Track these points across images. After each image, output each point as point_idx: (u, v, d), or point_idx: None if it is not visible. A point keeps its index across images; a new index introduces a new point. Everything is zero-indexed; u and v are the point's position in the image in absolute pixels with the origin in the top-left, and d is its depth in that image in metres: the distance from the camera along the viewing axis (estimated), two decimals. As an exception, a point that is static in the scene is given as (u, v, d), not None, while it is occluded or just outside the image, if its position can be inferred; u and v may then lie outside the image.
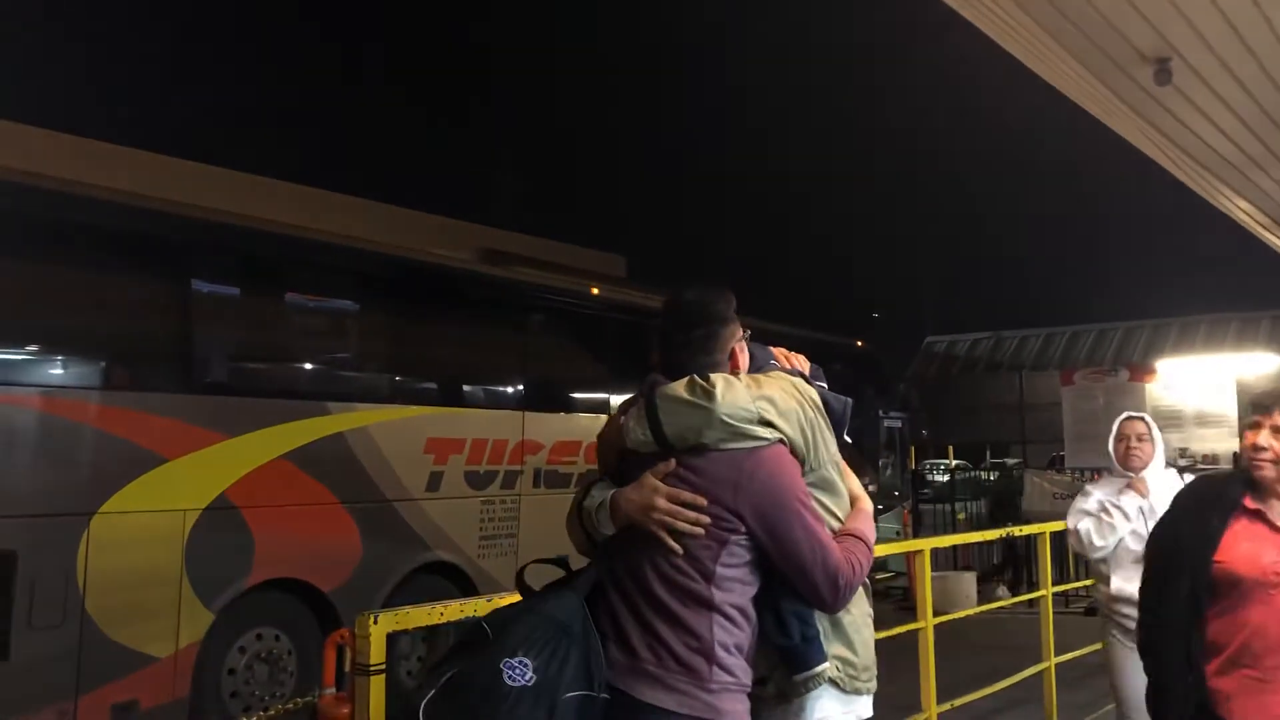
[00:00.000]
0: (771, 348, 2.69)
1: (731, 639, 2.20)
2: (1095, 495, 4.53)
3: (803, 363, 2.69)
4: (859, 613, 2.52)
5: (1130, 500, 4.40)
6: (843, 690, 2.46)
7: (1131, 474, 4.51)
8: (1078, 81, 5.82)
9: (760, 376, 2.44)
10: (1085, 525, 4.46)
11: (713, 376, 2.32)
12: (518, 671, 2.06)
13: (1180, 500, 2.95)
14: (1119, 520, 4.38)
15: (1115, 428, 4.57)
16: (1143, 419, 4.59)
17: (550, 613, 2.20)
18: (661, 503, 2.22)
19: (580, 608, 2.23)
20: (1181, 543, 2.77)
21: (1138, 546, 4.06)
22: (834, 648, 2.44)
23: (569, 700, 2.08)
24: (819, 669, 2.37)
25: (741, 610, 2.23)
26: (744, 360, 2.49)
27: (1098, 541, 4.42)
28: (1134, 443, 4.52)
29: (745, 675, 2.24)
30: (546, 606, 2.22)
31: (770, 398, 2.34)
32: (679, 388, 2.31)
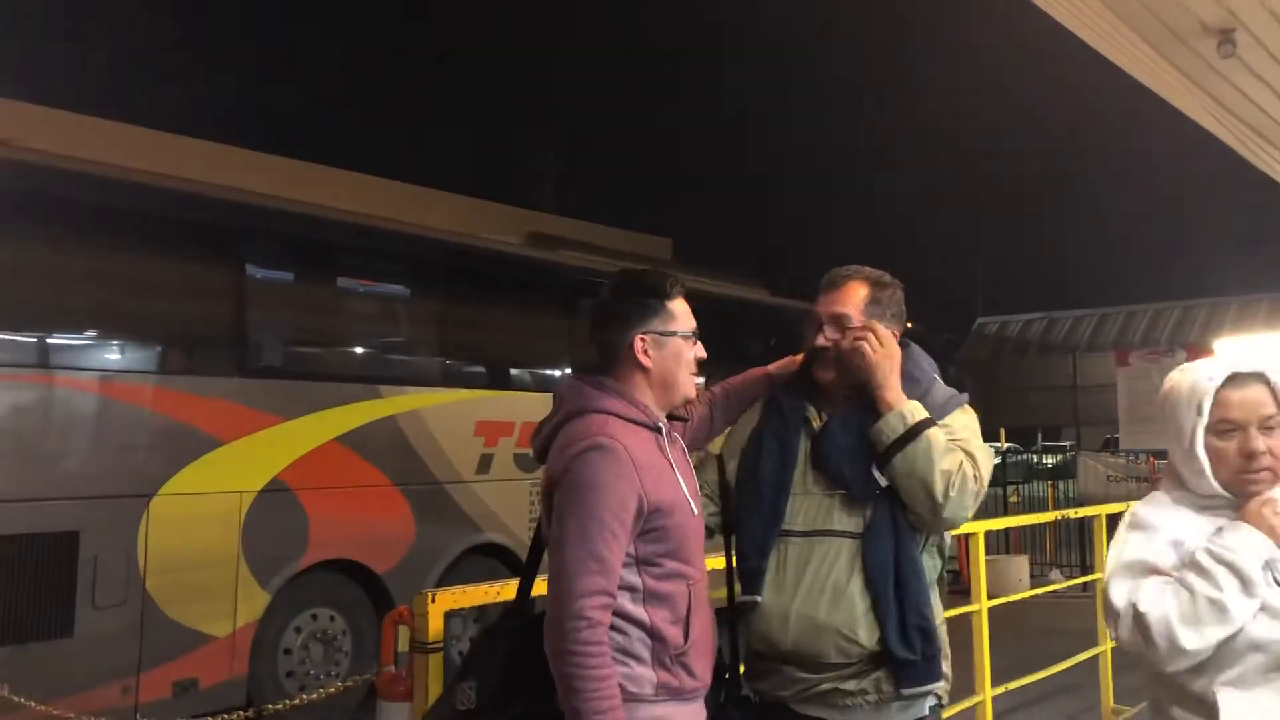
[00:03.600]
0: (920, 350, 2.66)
1: None
2: (1163, 532, 2.13)
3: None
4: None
5: (1256, 547, 2.00)
6: (940, 705, 2.45)
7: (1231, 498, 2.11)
8: (1137, 56, 5.70)
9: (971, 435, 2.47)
10: (1155, 603, 2.02)
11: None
12: (464, 695, 2.16)
13: None
14: (1234, 594, 1.96)
15: (1202, 404, 2.12)
16: (1267, 383, 2.13)
17: (490, 631, 2.29)
18: None
19: (510, 622, 2.29)
20: None
21: (1273, 635, 1.96)
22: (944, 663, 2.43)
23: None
24: (931, 687, 2.36)
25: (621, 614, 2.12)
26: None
27: (1189, 641, 1.98)
28: (1254, 439, 2.08)
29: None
30: (496, 623, 2.32)
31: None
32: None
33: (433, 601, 2.80)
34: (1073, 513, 7.36)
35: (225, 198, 6.60)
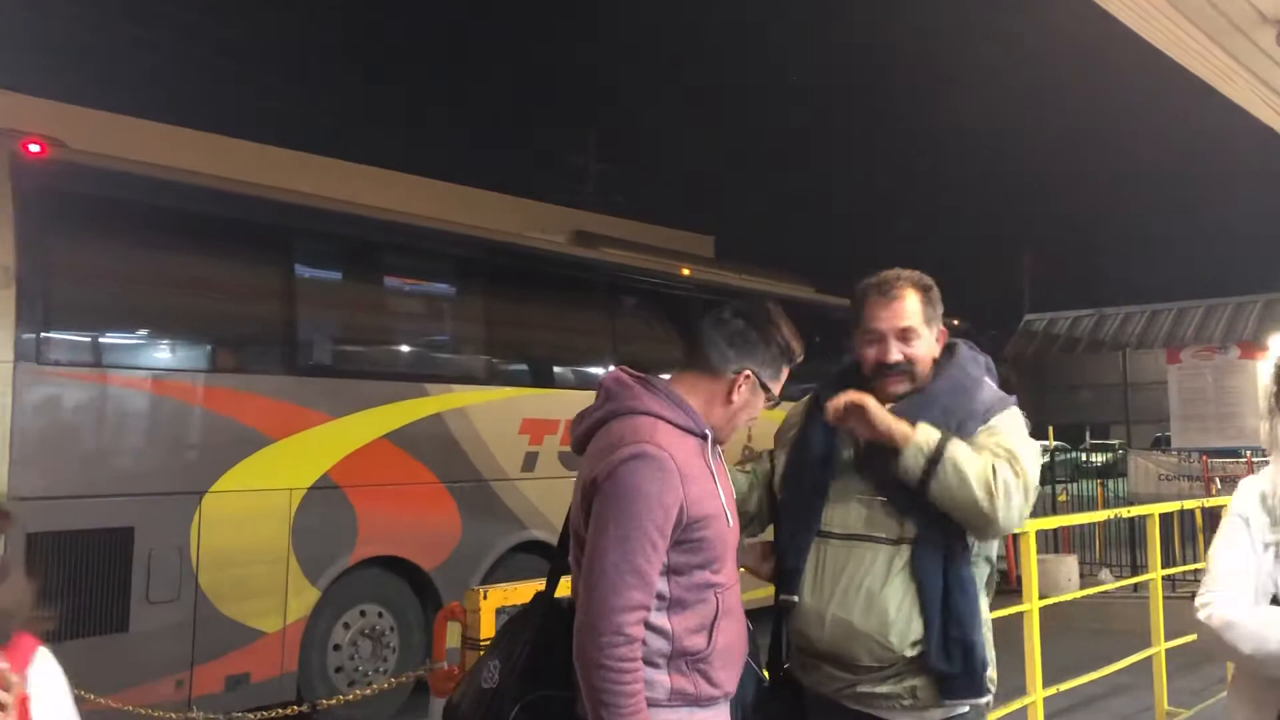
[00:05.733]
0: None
1: None
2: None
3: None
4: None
5: None
6: (988, 708, 2.48)
7: None
8: (1192, 46, 5.59)
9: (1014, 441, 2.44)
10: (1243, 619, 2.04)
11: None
12: (488, 673, 2.19)
13: None
14: None
15: None
16: None
17: (519, 614, 2.29)
18: None
19: (538, 606, 2.29)
20: None
21: None
22: (991, 668, 2.44)
23: (528, 703, 2.13)
24: (974, 702, 2.38)
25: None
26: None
27: None
28: None
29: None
30: (526, 606, 2.32)
31: None
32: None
33: (485, 598, 2.82)
34: (1126, 512, 7.26)
35: (274, 198, 6.68)
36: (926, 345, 2.53)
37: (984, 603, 2.48)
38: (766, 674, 2.50)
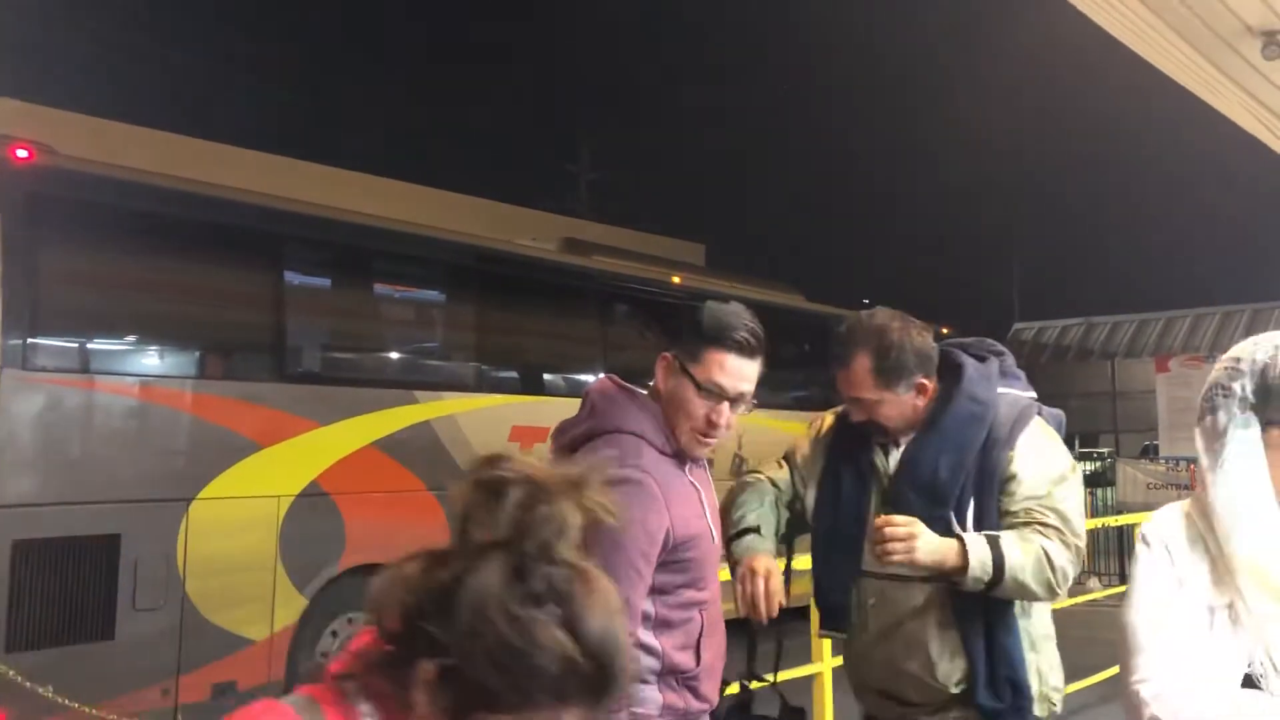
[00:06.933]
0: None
1: None
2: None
3: None
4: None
5: None
6: None
7: None
8: (1178, 58, 5.63)
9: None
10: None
11: None
12: None
13: None
14: None
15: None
16: None
17: None
18: None
19: None
20: None
21: None
22: (1054, 677, 2.46)
23: None
24: None
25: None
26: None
27: None
28: None
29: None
30: None
31: None
32: None
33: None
34: (1114, 520, 7.29)
35: (263, 204, 6.66)
36: (892, 407, 2.38)
37: (1042, 616, 2.47)
38: (737, 687, 2.49)
